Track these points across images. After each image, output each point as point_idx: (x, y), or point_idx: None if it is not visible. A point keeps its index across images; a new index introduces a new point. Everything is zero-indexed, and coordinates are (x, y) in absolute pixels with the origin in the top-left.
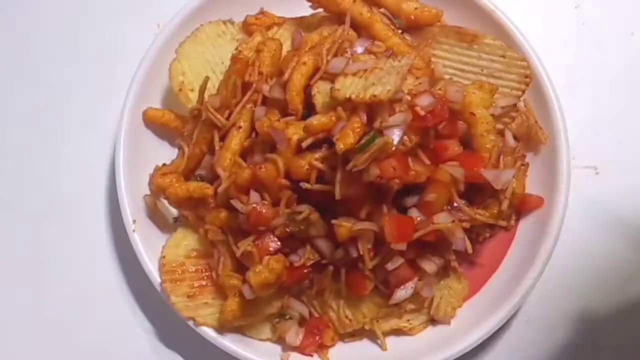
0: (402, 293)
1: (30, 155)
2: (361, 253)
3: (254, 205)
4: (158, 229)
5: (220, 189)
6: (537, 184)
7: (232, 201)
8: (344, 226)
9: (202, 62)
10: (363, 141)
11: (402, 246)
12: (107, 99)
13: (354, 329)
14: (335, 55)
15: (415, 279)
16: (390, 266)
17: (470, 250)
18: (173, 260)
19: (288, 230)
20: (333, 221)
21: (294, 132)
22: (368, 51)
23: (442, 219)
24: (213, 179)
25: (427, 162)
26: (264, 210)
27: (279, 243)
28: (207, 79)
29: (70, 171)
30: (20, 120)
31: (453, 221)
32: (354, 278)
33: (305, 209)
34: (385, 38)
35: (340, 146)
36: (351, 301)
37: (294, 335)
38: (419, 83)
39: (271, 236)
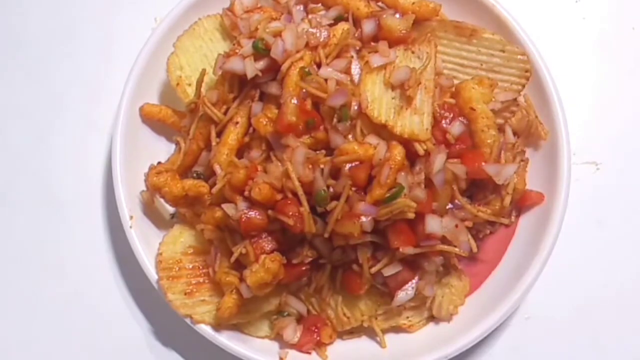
0: (403, 295)
1: (26, 151)
2: (360, 262)
3: (243, 212)
4: (155, 225)
5: (214, 190)
6: (538, 180)
7: (223, 206)
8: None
9: (200, 56)
10: (388, 194)
11: (411, 250)
12: (104, 94)
13: (352, 327)
14: (337, 57)
15: (415, 279)
16: (387, 272)
17: (475, 250)
18: (170, 257)
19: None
20: (326, 235)
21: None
22: None
23: (445, 223)
24: (210, 175)
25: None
26: (254, 218)
27: (274, 243)
28: (204, 71)
29: (67, 167)
30: (16, 115)
31: (456, 225)
32: (350, 278)
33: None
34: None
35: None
36: (349, 299)
37: (292, 332)
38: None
39: (267, 236)
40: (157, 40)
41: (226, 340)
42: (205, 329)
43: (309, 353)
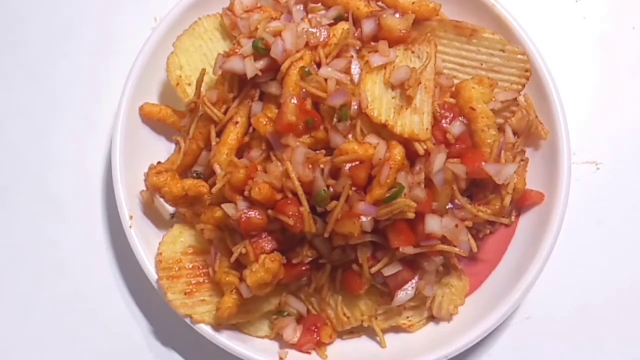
0: (403, 295)
1: (25, 151)
2: (360, 261)
3: (243, 212)
4: (155, 225)
5: (214, 190)
6: (538, 179)
7: (223, 206)
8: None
9: (200, 56)
10: (388, 194)
11: (410, 250)
12: (104, 94)
13: (352, 327)
14: (337, 56)
15: (415, 279)
16: (387, 272)
17: (475, 250)
18: (170, 257)
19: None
20: (326, 234)
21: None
22: None
23: (445, 223)
24: (210, 175)
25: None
26: (254, 218)
27: (274, 242)
28: (204, 71)
29: (67, 167)
30: (16, 115)
31: (456, 225)
32: (350, 277)
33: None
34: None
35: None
36: (349, 298)
37: (292, 332)
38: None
39: (267, 236)
40: (157, 40)
41: (226, 340)
42: (205, 329)
43: (309, 353)
